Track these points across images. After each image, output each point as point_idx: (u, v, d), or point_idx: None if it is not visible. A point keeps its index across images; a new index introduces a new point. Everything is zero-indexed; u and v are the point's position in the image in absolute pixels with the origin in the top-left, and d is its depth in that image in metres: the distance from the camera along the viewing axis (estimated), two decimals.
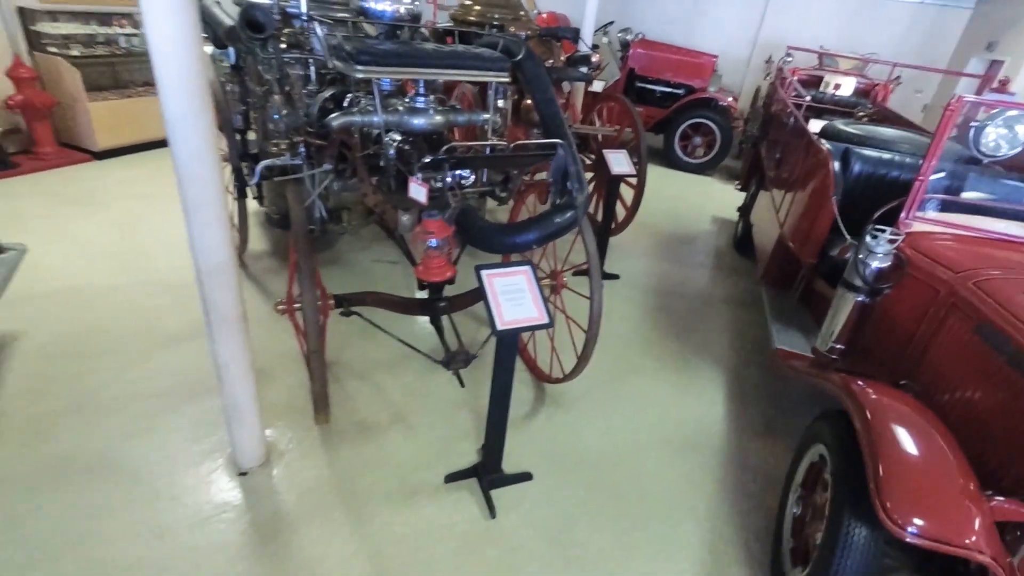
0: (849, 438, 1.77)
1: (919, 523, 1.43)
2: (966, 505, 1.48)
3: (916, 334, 2.18)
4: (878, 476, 1.53)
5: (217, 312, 1.90)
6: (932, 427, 1.69)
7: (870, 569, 1.61)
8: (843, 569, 1.62)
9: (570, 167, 2.07)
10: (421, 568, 2.02)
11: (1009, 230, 2.35)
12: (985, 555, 1.39)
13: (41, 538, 1.96)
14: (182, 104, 1.54)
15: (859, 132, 3.31)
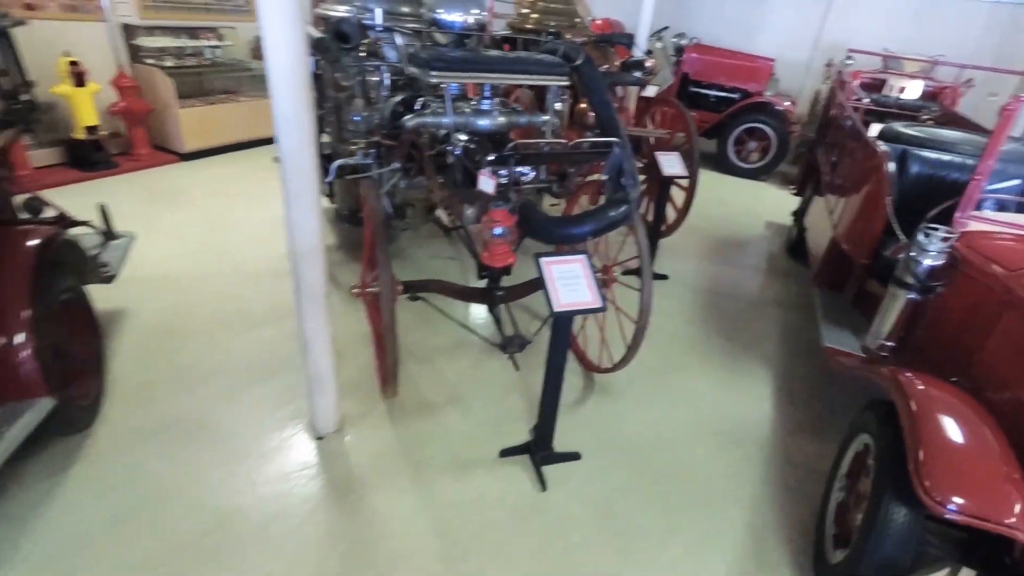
0: (893, 426, 1.83)
1: (958, 501, 1.50)
2: (1007, 488, 1.53)
3: (969, 332, 2.20)
4: (919, 457, 1.60)
5: (306, 290, 2.15)
6: (978, 416, 1.74)
7: (907, 549, 1.68)
8: (881, 547, 1.69)
9: (625, 165, 2.22)
10: (477, 530, 2.20)
11: None
12: None
13: (152, 484, 2.27)
14: (289, 106, 1.79)
15: (919, 134, 3.30)
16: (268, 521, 2.15)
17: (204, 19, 6.18)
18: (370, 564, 2.04)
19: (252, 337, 3.23)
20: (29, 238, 2.14)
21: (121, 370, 2.85)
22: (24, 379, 1.96)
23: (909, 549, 1.68)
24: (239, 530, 2.11)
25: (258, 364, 3.01)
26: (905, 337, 2.47)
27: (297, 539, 2.10)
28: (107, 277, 2.80)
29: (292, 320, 3.38)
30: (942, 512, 1.50)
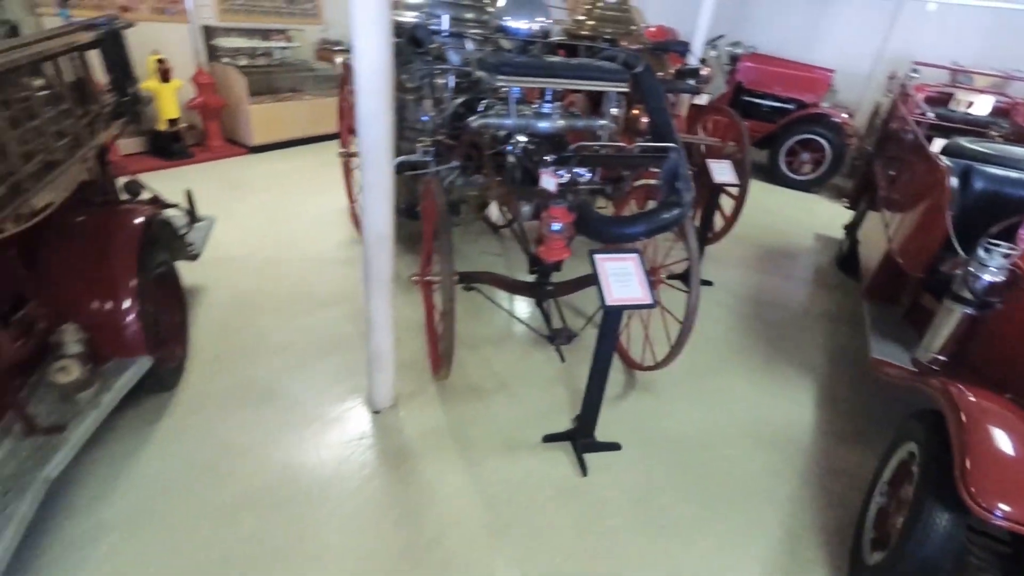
0: (941, 435, 1.85)
1: (1004, 508, 1.54)
2: None
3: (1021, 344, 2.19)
4: (965, 464, 1.64)
5: (374, 274, 2.34)
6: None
7: (947, 554, 1.71)
8: (921, 550, 1.73)
9: (680, 170, 2.32)
10: (520, 506, 2.34)
11: None
12: None
13: (228, 440, 2.50)
14: (373, 105, 1.97)
15: (984, 150, 3.25)
16: (329, 481, 2.35)
17: (275, 22, 6.56)
18: (421, 528, 2.20)
19: (315, 317, 3.46)
20: (135, 216, 2.41)
21: (200, 340, 3.12)
22: (129, 339, 2.21)
23: (949, 554, 1.71)
24: (304, 486, 2.31)
25: (321, 341, 3.24)
26: (958, 352, 2.47)
27: (355, 500, 2.28)
28: (193, 255, 3.08)
29: (351, 303, 3.62)
30: (988, 517, 1.54)
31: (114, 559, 1.97)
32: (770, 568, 2.21)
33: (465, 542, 2.17)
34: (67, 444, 1.86)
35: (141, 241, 2.33)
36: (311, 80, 6.91)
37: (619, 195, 2.85)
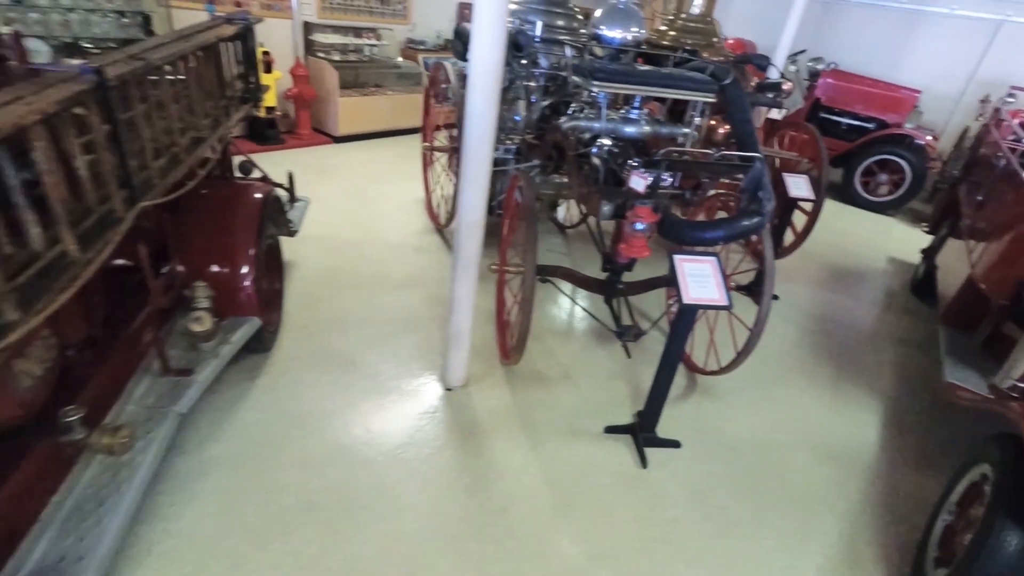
0: (1018, 457, 1.86)
1: None
2: None
3: None
4: None
5: (463, 257, 2.52)
6: None
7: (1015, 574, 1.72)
8: (986, 569, 1.75)
9: (763, 179, 2.39)
10: (582, 490, 2.46)
11: None
12: None
13: (316, 401, 2.74)
14: (481, 103, 2.15)
15: None
16: (406, 446, 2.55)
17: (368, 20, 6.94)
18: (489, 497, 2.36)
19: (393, 297, 3.70)
20: (256, 192, 2.69)
21: (289, 310, 3.41)
22: (245, 301, 2.49)
23: (1017, 574, 1.72)
24: (383, 448, 2.52)
25: (397, 321, 3.46)
26: None
27: (428, 466, 2.47)
28: (292, 232, 3.36)
29: (425, 288, 3.84)
30: None
31: (219, 493, 2.22)
32: (831, 568, 2.25)
33: (529, 516, 2.32)
34: (194, 385, 2.12)
35: (261, 215, 2.61)
36: (394, 77, 7.25)
37: (698, 201, 2.93)
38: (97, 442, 1.59)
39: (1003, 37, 7.85)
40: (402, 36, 7.42)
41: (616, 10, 2.89)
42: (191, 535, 2.04)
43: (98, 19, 4.62)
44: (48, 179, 1.27)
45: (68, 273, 1.34)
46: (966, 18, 7.95)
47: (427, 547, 2.13)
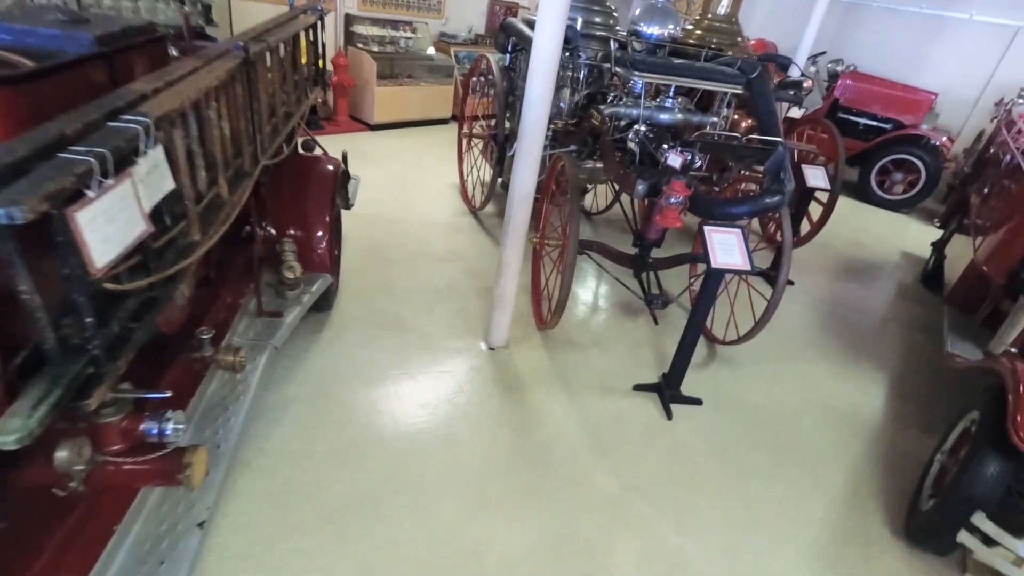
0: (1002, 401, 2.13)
1: None
2: None
3: None
4: (1017, 415, 1.93)
5: (514, 225, 2.83)
6: None
7: (993, 494, 2.00)
8: (970, 488, 2.03)
9: (785, 161, 2.67)
10: (616, 435, 2.77)
11: None
12: None
13: (374, 353, 3.06)
14: (540, 90, 2.45)
15: None
16: (456, 394, 2.86)
17: (404, 14, 7.27)
18: (532, 440, 2.67)
19: (436, 269, 4.02)
20: (329, 165, 3.01)
21: (345, 278, 3.73)
22: (320, 259, 2.81)
23: (995, 495, 2.01)
24: (437, 394, 2.83)
25: (441, 290, 3.78)
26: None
27: (478, 410, 2.78)
28: (349, 205, 3.68)
29: (465, 262, 4.15)
30: None
31: (299, 424, 2.54)
32: (836, 509, 2.54)
33: (568, 455, 2.62)
34: (285, 325, 2.45)
35: (333, 185, 2.93)
36: (427, 68, 7.57)
37: (724, 183, 3.22)
38: (223, 359, 1.91)
39: (1021, 43, 8.02)
40: (435, 30, 7.74)
41: (654, 8, 3.18)
42: (279, 454, 2.37)
43: (163, 7, 4.97)
44: (214, 134, 1.59)
45: (223, 211, 1.66)
46: (985, 24, 8.12)
47: (480, 475, 2.44)
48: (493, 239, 4.63)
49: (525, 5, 8.51)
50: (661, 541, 2.29)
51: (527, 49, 3.87)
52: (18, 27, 1.43)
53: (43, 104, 1.25)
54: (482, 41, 8.18)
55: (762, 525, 2.44)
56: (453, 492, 2.33)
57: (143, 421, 1.31)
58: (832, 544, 2.40)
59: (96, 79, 1.47)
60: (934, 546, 2.31)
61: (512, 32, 3.94)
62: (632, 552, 2.22)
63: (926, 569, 2.35)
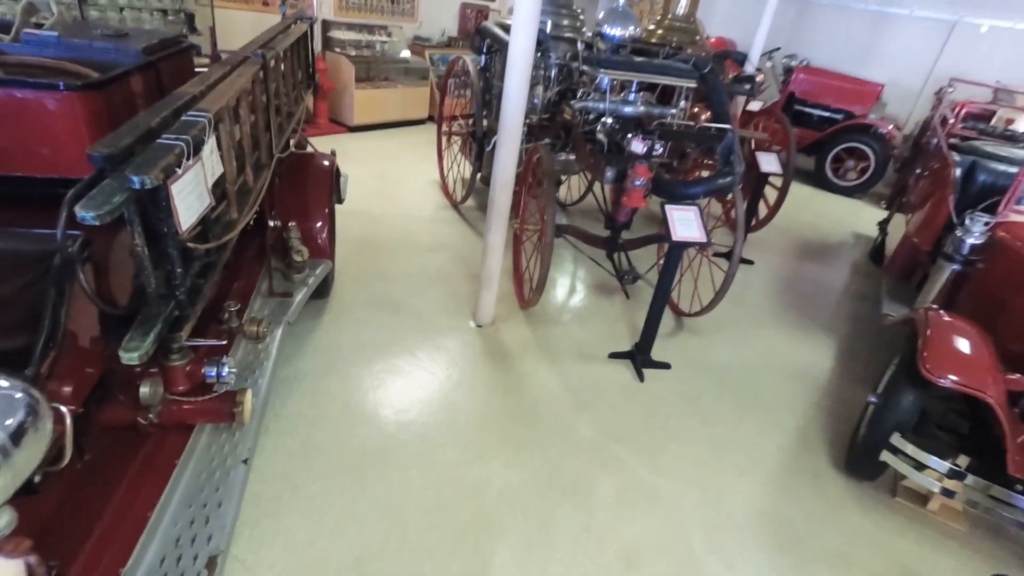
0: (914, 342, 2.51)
1: (951, 377, 2.21)
2: (985, 372, 2.22)
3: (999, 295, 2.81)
4: (925, 352, 2.32)
5: (496, 209, 3.14)
6: (979, 337, 2.41)
7: (911, 417, 2.39)
8: (893, 415, 2.41)
9: (735, 146, 3.04)
10: (595, 394, 3.10)
11: None
12: (991, 398, 2.14)
13: (372, 332, 3.33)
14: (517, 84, 2.77)
15: (991, 150, 3.83)
16: (451, 365, 3.16)
17: (379, 18, 7.52)
18: (522, 398, 2.99)
19: (424, 258, 4.30)
20: (326, 161, 3.28)
21: (340, 267, 3.99)
22: (321, 246, 3.08)
23: (910, 420, 2.39)
24: (434, 366, 3.13)
25: (431, 276, 4.07)
26: (947, 303, 3.10)
27: (472, 378, 3.09)
28: (340, 199, 3.94)
29: (451, 251, 4.45)
30: (938, 382, 2.21)
31: (311, 393, 2.81)
32: (788, 449, 2.91)
33: (554, 411, 2.95)
34: (295, 303, 2.72)
35: (331, 180, 3.20)
36: (403, 71, 7.82)
37: (683, 169, 3.57)
38: (249, 328, 2.18)
39: (957, 36, 8.64)
40: (410, 33, 8.00)
41: (616, 12, 3.52)
42: (297, 418, 2.64)
43: (147, 16, 5.16)
44: (243, 129, 1.87)
45: (249, 196, 1.93)
46: (925, 19, 8.74)
47: (477, 429, 2.74)
48: (475, 230, 4.93)
49: (495, 8, 8.83)
50: (637, 477, 2.62)
51: (502, 50, 4.19)
52: (77, 42, 1.69)
53: (113, 104, 1.51)
54: (455, 43, 8.47)
55: (726, 463, 2.79)
56: (454, 444, 2.63)
57: (204, 365, 1.59)
58: (785, 477, 2.77)
59: (146, 83, 1.73)
60: (867, 472, 2.69)
61: (487, 35, 4.25)
62: (612, 487, 2.55)
63: (862, 495, 2.73)
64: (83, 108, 1.40)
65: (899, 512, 2.65)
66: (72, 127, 1.39)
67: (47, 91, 1.34)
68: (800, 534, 2.46)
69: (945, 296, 3.07)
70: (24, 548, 0.84)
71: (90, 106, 1.42)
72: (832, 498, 2.68)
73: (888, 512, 2.65)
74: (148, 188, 1.08)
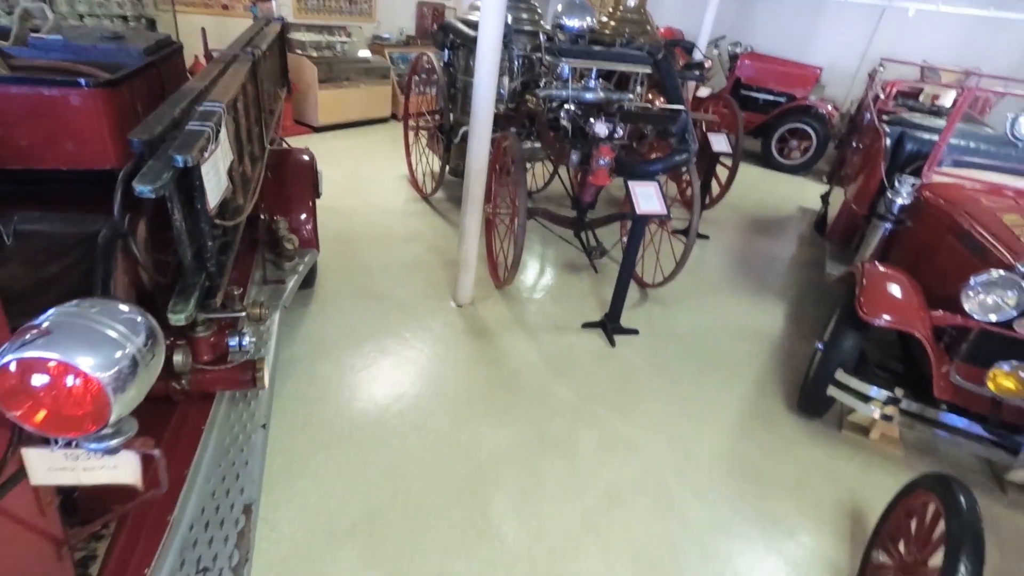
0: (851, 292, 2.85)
1: (885, 316, 2.54)
2: (914, 311, 2.56)
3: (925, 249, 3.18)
4: (861, 296, 2.65)
5: (471, 196, 3.34)
6: (909, 284, 2.75)
7: (852, 355, 2.72)
8: (837, 354, 2.74)
9: (688, 125, 3.32)
10: (571, 361, 3.35)
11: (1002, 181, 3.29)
12: (919, 332, 2.47)
13: (359, 319, 3.50)
14: (487, 75, 2.97)
15: (919, 121, 4.25)
16: (436, 342, 3.36)
17: (338, 19, 7.59)
18: (504, 367, 3.21)
19: (401, 249, 4.47)
20: (306, 156, 3.42)
21: (321, 260, 4.12)
22: (308, 236, 3.23)
23: (852, 358, 2.72)
24: (421, 345, 3.32)
25: (409, 264, 4.24)
26: (881, 258, 3.47)
27: (457, 352, 3.29)
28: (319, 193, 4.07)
29: (426, 241, 4.63)
30: (872, 321, 2.54)
31: (308, 375, 2.97)
32: (747, 398, 3.23)
33: (535, 377, 3.18)
34: (288, 289, 2.86)
35: (314, 173, 3.35)
36: (364, 71, 7.90)
37: (641, 150, 3.85)
38: (251, 311, 2.33)
39: (887, 20, 9.26)
40: (369, 33, 8.09)
41: (573, 4, 3.76)
42: (296, 397, 2.80)
43: (109, 24, 5.14)
44: (240, 122, 2.02)
45: (249, 185, 2.09)
46: (857, 4, 9.32)
47: (466, 396, 2.96)
48: (446, 220, 5.12)
49: (451, 5, 8.98)
50: (614, 431, 2.88)
51: (466, 45, 4.39)
52: (82, 45, 1.81)
53: (127, 100, 1.66)
54: (414, 42, 8.59)
55: (691, 414, 3.08)
56: (445, 411, 2.84)
57: (227, 336, 1.75)
58: (744, 421, 3.08)
59: (149, 81, 1.87)
60: (816, 409, 3.02)
61: (451, 31, 4.43)
62: (592, 440, 2.80)
63: (812, 431, 3.06)
64: (105, 104, 1.54)
65: (845, 443, 3.00)
66: (95, 122, 1.53)
67: (72, 88, 1.48)
68: (760, 467, 2.77)
69: (879, 252, 3.44)
70: (150, 444, 1.01)
71: (111, 102, 1.57)
72: (787, 435, 3.00)
73: (836, 444, 2.99)
74: (188, 167, 1.25)
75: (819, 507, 2.59)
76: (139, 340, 0.91)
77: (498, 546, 2.20)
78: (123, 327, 0.91)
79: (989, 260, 2.57)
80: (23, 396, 0.83)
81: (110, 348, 0.87)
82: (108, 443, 0.94)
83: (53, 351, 0.82)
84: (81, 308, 0.90)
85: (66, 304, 0.91)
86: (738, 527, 2.43)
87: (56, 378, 0.83)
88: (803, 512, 2.55)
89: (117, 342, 0.88)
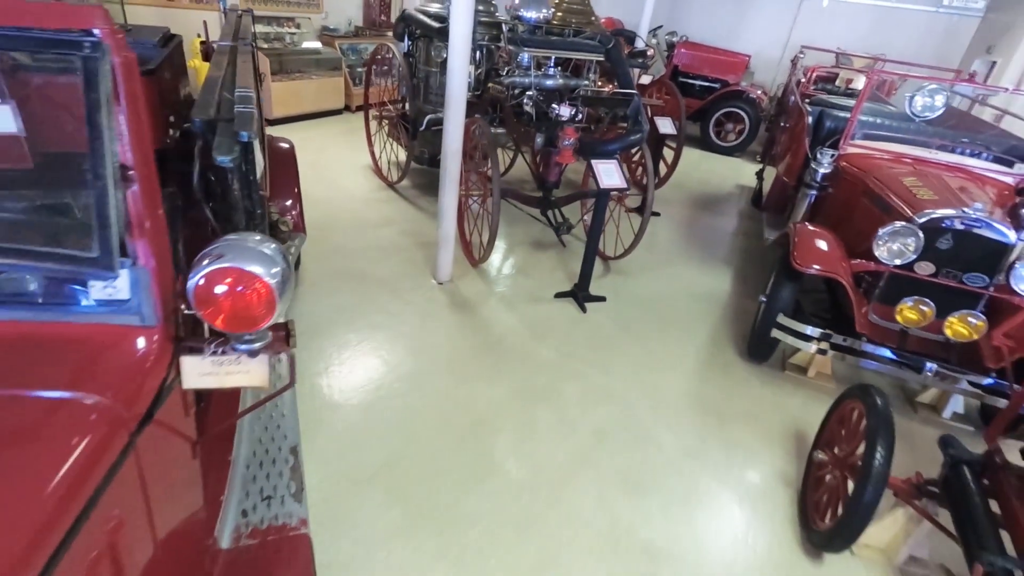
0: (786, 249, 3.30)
1: (815, 266, 2.99)
2: (838, 261, 3.03)
3: (843, 212, 3.69)
4: (794, 249, 3.09)
5: (448, 176, 3.58)
6: (833, 240, 3.22)
7: (790, 302, 3.17)
8: (777, 303, 3.18)
9: (640, 108, 3.69)
10: (548, 326, 3.67)
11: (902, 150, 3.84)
12: (842, 278, 2.93)
13: (347, 299, 3.69)
14: (459, 62, 3.21)
15: (836, 102, 4.81)
16: (424, 315, 3.60)
17: (284, 10, 7.54)
18: (489, 334, 3.49)
19: (375, 233, 4.65)
20: (285, 144, 3.56)
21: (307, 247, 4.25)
22: (297, 220, 3.39)
23: (790, 304, 3.17)
24: (408, 318, 3.55)
25: (386, 248, 4.44)
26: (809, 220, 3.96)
27: (445, 321, 3.55)
28: None
29: (398, 225, 4.83)
30: (804, 270, 2.99)
31: (306, 351, 3.14)
32: (704, 349, 3.65)
33: (519, 341, 3.48)
34: None
35: (294, 162, 3.50)
36: (315, 62, 7.89)
37: (598, 132, 4.20)
38: None
39: (805, 10, 10.06)
40: (317, 24, 8.07)
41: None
42: (300, 370, 2.97)
43: None
44: None
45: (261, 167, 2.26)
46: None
47: (458, 362, 3.22)
48: (415, 205, 5.32)
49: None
50: (593, 382, 3.22)
51: (427, 36, 4.59)
52: None
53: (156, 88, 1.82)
54: (363, 33, 8.62)
55: (657, 364, 3.47)
56: (441, 374, 3.10)
57: None
58: (703, 369, 3.50)
59: (167, 70, 2.01)
60: (762, 353, 3.48)
61: (411, 22, 4.62)
62: (575, 390, 3.13)
63: (761, 373, 3.52)
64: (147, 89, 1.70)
65: (788, 381, 3.47)
66: None
67: None
68: (719, 404, 3.19)
69: (808, 215, 3.93)
70: (285, 348, 1.23)
71: (151, 88, 1.73)
72: (739, 378, 3.44)
73: (780, 383, 3.45)
74: (249, 141, 1.45)
75: (769, 432, 3.03)
76: (283, 260, 1.14)
77: (504, 480, 2.49)
78: (274, 249, 1.14)
79: (893, 215, 3.07)
80: (211, 302, 1.07)
81: (270, 262, 1.10)
82: (252, 346, 1.17)
83: (234, 263, 1.06)
84: (240, 236, 1.13)
85: (227, 236, 1.12)
86: (705, 451, 2.83)
87: (234, 285, 1.06)
88: (756, 437, 2.98)
89: (273, 258, 1.11)
